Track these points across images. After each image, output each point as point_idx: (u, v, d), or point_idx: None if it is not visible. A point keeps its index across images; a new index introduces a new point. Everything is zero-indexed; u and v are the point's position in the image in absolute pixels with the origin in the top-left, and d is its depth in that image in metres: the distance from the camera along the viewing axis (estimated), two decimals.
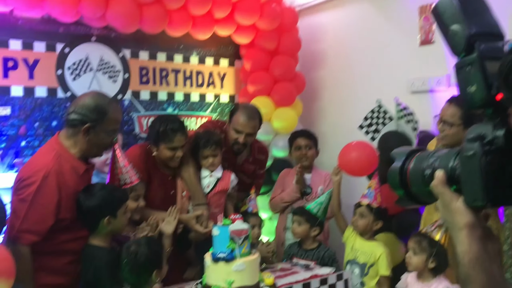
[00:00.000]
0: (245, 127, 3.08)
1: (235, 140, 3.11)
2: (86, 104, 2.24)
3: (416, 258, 2.61)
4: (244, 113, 3.09)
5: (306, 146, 3.52)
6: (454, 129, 2.62)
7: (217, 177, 2.94)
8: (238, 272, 2.26)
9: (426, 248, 2.59)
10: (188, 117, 4.00)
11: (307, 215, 3.01)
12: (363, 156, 3.25)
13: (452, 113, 2.63)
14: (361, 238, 3.02)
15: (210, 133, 2.95)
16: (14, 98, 3.18)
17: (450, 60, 3.48)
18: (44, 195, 2.13)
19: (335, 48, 4.45)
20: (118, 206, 2.29)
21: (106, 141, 2.33)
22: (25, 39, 3.21)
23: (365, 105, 3.69)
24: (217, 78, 4.20)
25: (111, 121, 2.30)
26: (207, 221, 2.73)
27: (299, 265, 2.82)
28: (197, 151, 2.93)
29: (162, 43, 3.82)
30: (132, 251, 2.02)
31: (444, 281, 2.59)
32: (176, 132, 2.71)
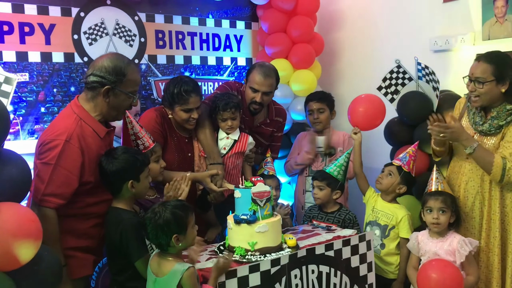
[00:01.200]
0: (261, 86, 3.06)
1: (252, 99, 3.09)
2: (105, 66, 2.23)
3: (444, 217, 2.62)
4: (260, 72, 3.06)
5: (318, 110, 3.47)
6: (487, 86, 2.55)
7: (234, 139, 2.94)
8: (260, 233, 2.28)
9: (450, 205, 2.60)
10: (205, 81, 3.96)
11: (328, 179, 2.99)
12: (369, 109, 3.26)
13: (483, 69, 2.56)
14: (382, 200, 3.01)
15: (229, 95, 2.93)
16: (31, 63, 3.17)
17: (475, 17, 3.36)
18: (67, 158, 2.14)
19: (354, 7, 4.33)
20: (140, 169, 2.29)
21: (126, 103, 2.32)
22: (39, 3, 3.17)
23: (385, 65, 3.60)
24: (234, 41, 4.13)
25: (130, 82, 2.29)
26: (222, 180, 2.75)
27: (320, 227, 2.83)
28: (215, 113, 2.92)
29: (177, 5, 3.76)
30: (154, 212, 2.03)
31: (457, 235, 2.62)
32: (190, 93, 2.70)
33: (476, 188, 2.69)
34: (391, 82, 3.50)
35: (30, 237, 1.76)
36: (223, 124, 2.92)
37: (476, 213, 2.70)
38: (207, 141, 2.86)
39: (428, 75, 3.32)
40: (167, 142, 2.79)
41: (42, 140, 2.19)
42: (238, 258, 2.26)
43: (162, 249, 2.07)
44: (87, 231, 2.30)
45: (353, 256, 2.53)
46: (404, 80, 3.48)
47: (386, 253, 2.91)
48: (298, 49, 4.02)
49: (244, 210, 2.33)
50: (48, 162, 2.13)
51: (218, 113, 2.90)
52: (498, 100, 2.60)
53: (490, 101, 2.61)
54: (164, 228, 2.00)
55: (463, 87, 3.38)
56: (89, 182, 2.24)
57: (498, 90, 2.56)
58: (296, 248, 2.37)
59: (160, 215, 2.01)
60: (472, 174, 2.70)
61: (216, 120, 2.95)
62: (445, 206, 2.63)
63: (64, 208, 2.19)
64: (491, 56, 2.59)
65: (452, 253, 2.57)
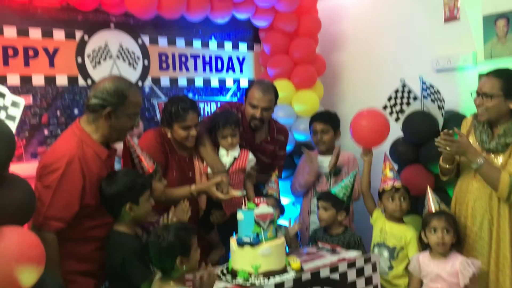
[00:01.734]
0: (260, 101, 3.08)
1: (252, 115, 3.11)
2: (106, 88, 2.23)
3: (448, 237, 2.58)
4: (258, 88, 3.10)
5: (322, 131, 3.45)
6: (495, 101, 2.54)
7: (234, 156, 2.93)
8: (264, 256, 2.24)
9: (452, 225, 2.58)
10: (208, 102, 3.97)
11: (333, 200, 2.96)
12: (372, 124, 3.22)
13: (491, 84, 2.55)
14: (390, 221, 2.97)
15: (229, 112, 2.95)
16: (35, 87, 3.19)
17: (477, 36, 3.37)
18: (69, 181, 2.13)
19: (355, 28, 4.36)
20: (140, 192, 2.27)
21: (128, 125, 2.32)
22: (44, 28, 3.21)
23: (388, 85, 3.60)
24: (236, 62, 4.16)
25: (132, 104, 2.29)
26: (228, 187, 2.71)
27: (325, 249, 2.79)
28: (215, 131, 2.92)
29: (180, 28, 3.79)
30: (157, 235, 2.00)
31: (459, 256, 2.58)
32: (188, 110, 2.71)
33: (484, 207, 2.65)
34: (396, 101, 3.49)
35: (32, 262, 1.74)
36: (223, 141, 2.92)
37: (485, 232, 2.65)
38: (208, 154, 2.86)
39: (433, 94, 3.32)
40: (168, 162, 2.78)
41: (43, 162, 2.19)
42: (242, 282, 2.22)
43: (166, 273, 2.03)
44: (88, 255, 2.27)
45: (358, 279, 2.48)
46: (409, 99, 3.48)
47: (395, 275, 2.86)
48: (300, 70, 4.04)
49: (247, 232, 2.30)
50: (49, 185, 2.12)
51: (218, 130, 2.91)
52: (505, 116, 2.59)
53: (497, 116, 2.59)
54: (168, 251, 1.98)
55: (466, 106, 3.41)
56: (90, 205, 2.22)
57: (506, 106, 2.55)
58: (300, 271, 2.33)
59: (164, 238, 1.99)
60: (479, 192, 2.67)
61: (215, 138, 2.95)
62: (449, 225, 2.60)
63: (64, 231, 2.17)
64: (500, 72, 2.59)
65: (455, 274, 2.52)
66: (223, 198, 2.70)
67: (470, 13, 3.42)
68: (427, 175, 3.34)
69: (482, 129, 2.67)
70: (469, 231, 2.70)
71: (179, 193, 2.70)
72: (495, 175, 2.51)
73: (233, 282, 2.25)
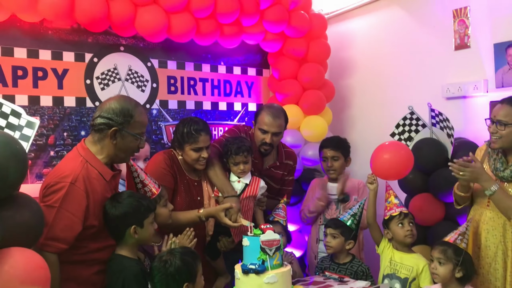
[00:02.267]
0: (270, 127, 3.05)
1: (261, 140, 3.08)
2: (112, 108, 2.22)
3: (442, 268, 2.52)
4: (269, 113, 3.07)
5: (332, 157, 3.40)
6: (509, 129, 2.51)
7: (246, 183, 2.88)
8: (269, 284, 2.18)
9: (452, 257, 2.49)
10: (216, 126, 3.95)
11: (341, 228, 2.90)
12: (396, 157, 3.02)
13: (506, 112, 2.53)
14: (399, 251, 2.89)
15: (241, 139, 2.91)
16: (43, 107, 3.19)
17: (488, 64, 3.34)
18: (72, 201, 2.10)
19: (365, 54, 4.36)
20: (144, 215, 2.24)
21: (133, 145, 2.30)
22: (54, 49, 3.23)
23: (396, 112, 3.58)
24: (244, 87, 4.15)
25: (138, 123, 2.27)
26: (237, 214, 2.64)
27: (332, 278, 2.71)
28: (227, 157, 2.88)
29: (190, 52, 3.81)
30: (163, 260, 1.95)
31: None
32: (200, 132, 2.69)
33: (498, 238, 2.58)
34: (404, 128, 3.46)
35: (38, 284, 1.72)
36: (235, 168, 2.87)
37: (499, 264, 2.57)
38: (218, 177, 2.81)
39: (442, 121, 3.28)
40: (177, 184, 2.74)
41: (47, 182, 2.16)
42: None
43: None
44: (89, 278, 2.22)
45: None
46: (417, 126, 3.44)
47: None
48: (308, 95, 4.03)
49: (252, 259, 2.24)
50: (51, 205, 2.09)
51: (230, 157, 2.86)
52: None
53: (511, 144, 2.55)
54: (175, 276, 1.93)
55: (477, 134, 3.36)
56: (93, 226, 2.18)
57: None
58: None
59: (171, 263, 1.94)
60: (493, 222, 2.60)
61: (227, 163, 2.91)
62: (444, 257, 2.51)
63: (66, 253, 2.12)
64: None
65: None
66: (231, 225, 2.63)
67: (481, 41, 3.40)
68: (436, 204, 3.27)
69: (496, 157, 2.63)
70: (483, 262, 2.62)
71: (186, 217, 2.65)
72: (509, 203, 2.45)
73: None
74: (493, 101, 3.25)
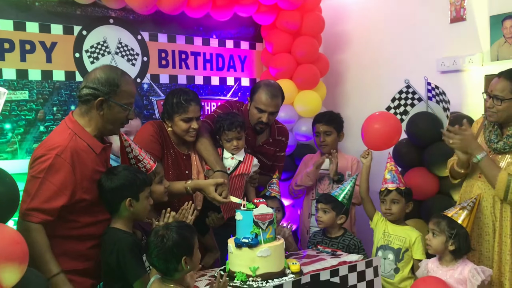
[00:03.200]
0: (268, 106, 3.00)
1: (258, 119, 3.03)
2: (97, 77, 2.18)
3: (435, 240, 2.55)
4: (267, 92, 3.00)
5: (325, 132, 3.38)
6: (505, 104, 2.50)
7: (239, 160, 2.85)
8: (262, 258, 2.18)
9: (445, 230, 2.51)
10: (208, 101, 3.90)
11: (333, 203, 2.90)
12: (386, 127, 3.12)
13: (502, 87, 2.51)
14: (393, 224, 2.91)
15: (234, 115, 2.86)
16: (32, 81, 3.12)
17: (483, 37, 3.30)
18: (56, 172, 2.07)
19: (360, 28, 4.29)
20: (140, 188, 2.21)
21: (122, 115, 2.26)
22: (42, 22, 3.14)
23: (391, 87, 3.54)
24: (237, 61, 4.09)
25: (125, 93, 2.23)
26: (228, 191, 2.62)
27: (325, 252, 2.72)
28: (219, 134, 2.84)
29: (181, 25, 3.72)
30: (160, 235, 1.93)
31: (469, 263, 2.50)
32: (190, 102, 2.65)
33: (489, 209, 2.59)
34: (400, 102, 3.43)
35: (14, 260, 1.67)
36: (228, 144, 2.83)
37: (490, 235, 2.59)
38: (209, 152, 2.77)
39: (438, 95, 3.25)
40: (164, 158, 2.70)
41: (34, 155, 2.13)
42: (239, 284, 2.15)
43: (167, 274, 1.96)
44: (84, 253, 2.20)
45: (359, 283, 2.40)
46: (413, 100, 3.41)
47: (401, 278, 2.80)
48: (302, 70, 3.97)
49: (245, 233, 2.23)
50: (36, 176, 2.06)
51: (223, 133, 2.82)
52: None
53: (507, 118, 2.55)
54: (173, 250, 1.91)
55: (472, 107, 3.34)
56: (83, 200, 2.15)
57: None
58: (299, 274, 2.26)
59: (168, 237, 1.92)
60: (484, 193, 2.61)
61: (219, 140, 2.87)
62: (437, 229, 2.55)
63: (60, 228, 2.11)
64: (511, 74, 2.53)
65: (463, 282, 2.44)
66: (220, 201, 2.59)
67: (477, 13, 3.35)
68: (431, 178, 3.27)
69: (492, 129, 2.63)
70: (475, 234, 2.64)
71: (173, 188, 2.60)
72: (494, 172, 2.48)
73: (230, 284, 2.17)
74: (488, 75, 3.22)
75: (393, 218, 2.90)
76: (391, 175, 2.91)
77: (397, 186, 2.87)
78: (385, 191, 2.91)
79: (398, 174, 2.94)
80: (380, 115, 3.23)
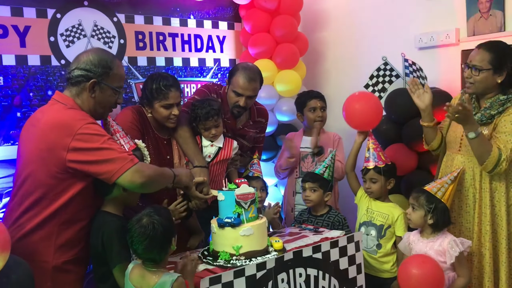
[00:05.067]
0: (246, 90, 2.96)
1: (234, 103, 2.99)
2: (90, 59, 2.16)
3: (414, 214, 2.59)
4: (244, 75, 2.95)
5: (321, 108, 3.40)
6: (483, 74, 2.52)
7: (219, 147, 2.83)
8: (245, 237, 2.20)
9: (424, 204, 2.55)
10: (188, 83, 3.88)
11: (320, 181, 2.94)
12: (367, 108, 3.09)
13: (481, 57, 2.52)
14: (376, 200, 2.95)
15: (209, 101, 2.80)
16: (6, 67, 3.06)
17: (460, 13, 3.33)
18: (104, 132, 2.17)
19: (338, 6, 4.28)
20: None
21: (112, 99, 2.25)
22: (13, 5, 3.06)
23: (370, 64, 3.55)
24: (216, 41, 4.05)
25: (116, 76, 2.22)
26: (208, 187, 2.62)
27: (307, 229, 2.75)
28: (196, 122, 2.80)
29: (157, 6, 3.67)
30: (145, 223, 1.92)
31: (449, 235, 2.56)
32: (170, 88, 2.61)
33: (469, 181, 2.63)
34: (378, 79, 3.45)
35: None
36: (206, 133, 2.80)
37: (470, 206, 2.64)
38: (188, 145, 2.74)
39: (415, 71, 3.28)
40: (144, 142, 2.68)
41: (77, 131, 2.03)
42: (223, 263, 2.18)
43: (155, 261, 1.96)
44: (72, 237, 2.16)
45: (341, 258, 2.45)
46: (391, 77, 3.43)
47: (383, 253, 2.85)
48: (282, 49, 3.96)
49: (228, 213, 2.25)
50: (102, 144, 2.07)
51: (199, 123, 2.79)
52: (492, 90, 2.56)
53: (484, 90, 2.57)
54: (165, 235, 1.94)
55: (450, 83, 3.38)
56: None
57: (494, 80, 2.52)
58: (282, 251, 2.29)
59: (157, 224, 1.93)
60: (464, 166, 2.65)
61: (196, 128, 2.84)
62: (416, 203, 2.58)
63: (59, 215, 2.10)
64: (491, 45, 2.55)
65: (443, 253, 2.50)
66: (202, 198, 2.58)
67: None
68: (409, 153, 3.32)
69: None
70: (456, 207, 2.68)
71: None
72: (487, 147, 2.47)
73: (214, 264, 2.20)
74: (465, 50, 3.25)
75: (374, 196, 2.95)
76: (370, 154, 2.94)
77: (376, 165, 2.90)
78: (364, 169, 2.95)
79: (378, 152, 2.95)
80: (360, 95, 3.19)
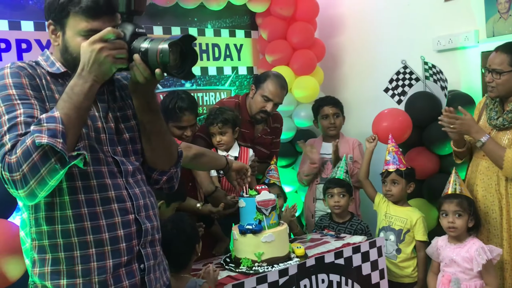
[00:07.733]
0: (275, 96, 3.02)
1: (261, 108, 3.03)
2: None
3: (460, 221, 2.51)
4: (276, 82, 3.03)
5: (334, 114, 3.40)
6: (504, 76, 2.50)
7: (235, 156, 2.86)
8: (267, 243, 2.21)
9: (467, 208, 2.50)
10: (206, 92, 3.91)
11: (346, 186, 2.95)
12: (396, 124, 3.17)
13: (500, 60, 2.51)
14: (394, 205, 2.93)
15: (222, 110, 2.86)
16: None
17: (478, 14, 3.29)
18: None
19: (353, 11, 4.27)
20: None
21: None
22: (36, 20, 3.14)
23: (388, 68, 3.54)
24: (234, 50, 4.08)
25: None
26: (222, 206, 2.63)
27: (329, 235, 2.75)
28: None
29: (175, 16, 3.71)
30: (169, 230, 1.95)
31: (477, 241, 2.50)
32: (184, 111, 2.65)
33: (494, 186, 2.59)
34: (397, 83, 3.43)
35: (17, 253, 1.69)
36: (213, 139, 2.86)
37: (496, 213, 2.60)
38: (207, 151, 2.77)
39: (435, 74, 3.26)
40: None
41: None
42: (245, 270, 2.18)
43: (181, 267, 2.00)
44: None
45: (364, 264, 2.44)
46: (411, 80, 3.42)
47: (403, 258, 2.83)
48: (299, 56, 3.97)
49: (249, 220, 2.26)
50: None
51: (208, 128, 2.85)
52: None
53: (508, 92, 2.54)
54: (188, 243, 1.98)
55: (470, 85, 3.34)
56: None
57: None
58: (304, 257, 2.29)
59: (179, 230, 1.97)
60: (489, 172, 2.61)
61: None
62: (461, 209, 2.51)
63: None
64: (509, 47, 2.53)
65: (470, 260, 2.44)
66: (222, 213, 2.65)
67: None
68: (431, 157, 3.29)
69: (492, 106, 2.63)
70: (481, 213, 2.64)
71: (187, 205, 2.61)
72: (499, 152, 2.46)
73: (236, 271, 2.21)
74: (485, 52, 3.22)
75: (394, 199, 2.93)
76: (391, 157, 2.93)
77: (397, 167, 2.89)
78: (385, 172, 2.93)
79: (399, 155, 2.95)
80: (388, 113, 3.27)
